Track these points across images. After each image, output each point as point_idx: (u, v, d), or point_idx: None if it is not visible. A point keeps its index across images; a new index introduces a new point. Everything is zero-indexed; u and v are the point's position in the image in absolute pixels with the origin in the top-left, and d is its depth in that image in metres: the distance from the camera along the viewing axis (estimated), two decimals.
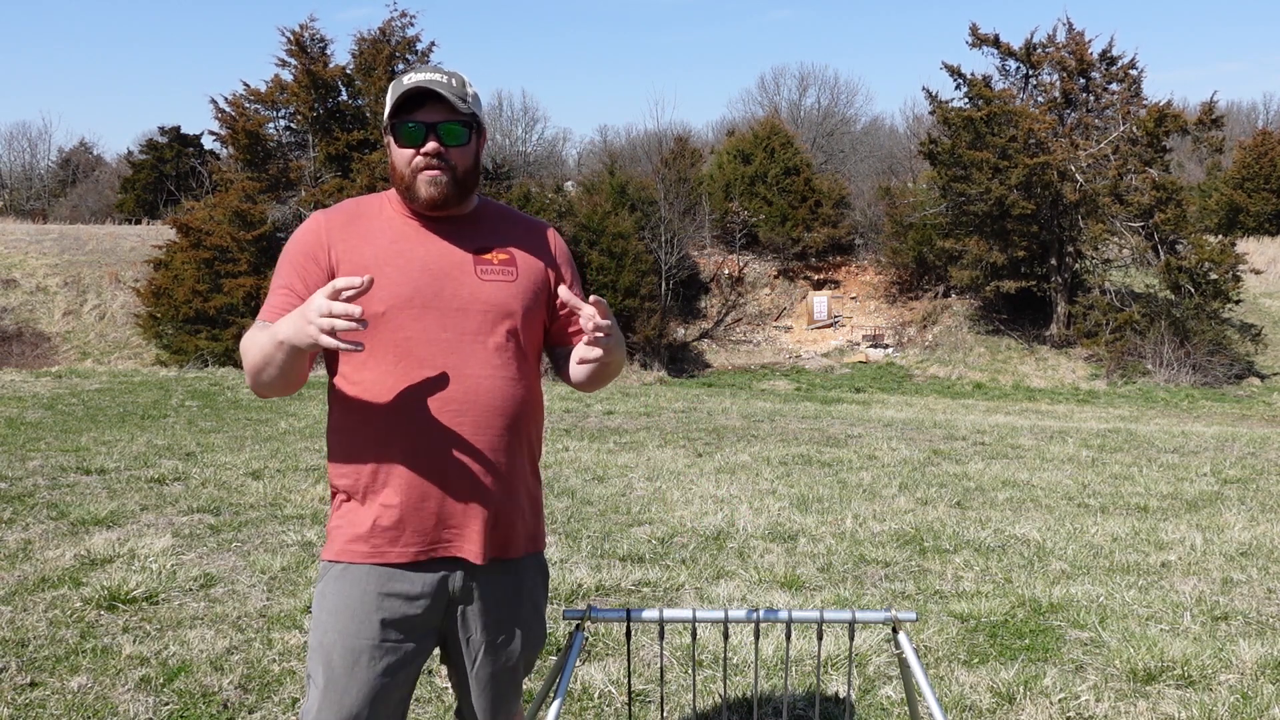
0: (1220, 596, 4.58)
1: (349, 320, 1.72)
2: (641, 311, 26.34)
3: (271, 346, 1.85)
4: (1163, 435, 11.02)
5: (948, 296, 29.67)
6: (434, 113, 1.97)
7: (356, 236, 2.02)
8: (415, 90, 1.96)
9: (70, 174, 49.08)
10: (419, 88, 1.95)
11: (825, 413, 13.81)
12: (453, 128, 1.98)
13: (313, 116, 24.46)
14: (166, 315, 22.58)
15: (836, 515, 6.14)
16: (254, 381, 1.94)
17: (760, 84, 79.17)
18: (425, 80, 1.96)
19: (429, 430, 1.94)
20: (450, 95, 1.95)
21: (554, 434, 9.61)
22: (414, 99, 1.97)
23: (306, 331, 1.76)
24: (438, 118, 1.97)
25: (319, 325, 1.73)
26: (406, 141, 1.97)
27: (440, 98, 1.96)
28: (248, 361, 1.94)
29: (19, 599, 4.24)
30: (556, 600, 4.39)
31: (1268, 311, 27.80)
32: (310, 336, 1.75)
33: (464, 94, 2.00)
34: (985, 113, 26.28)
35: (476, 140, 2.03)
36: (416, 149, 1.97)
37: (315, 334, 1.74)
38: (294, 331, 1.79)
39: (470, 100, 2.01)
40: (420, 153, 1.97)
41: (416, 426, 1.94)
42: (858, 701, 3.41)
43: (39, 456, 7.71)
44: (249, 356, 1.93)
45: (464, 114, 1.98)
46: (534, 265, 2.10)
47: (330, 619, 1.99)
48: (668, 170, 31.33)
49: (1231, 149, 38.22)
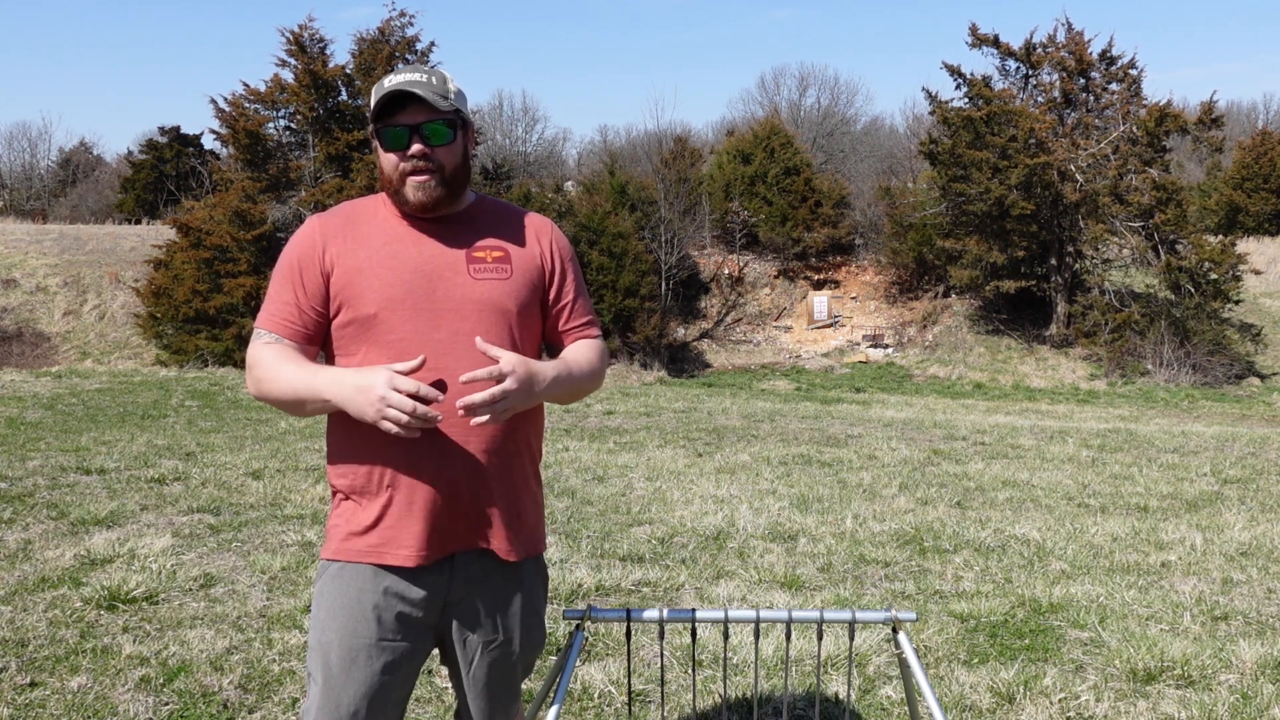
0: (1220, 596, 4.58)
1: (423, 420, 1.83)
2: (641, 311, 26.34)
3: (309, 394, 1.92)
4: (1163, 435, 11.02)
5: (948, 296, 29.66)
6: (416, 114, 1.96)
7: (350, 239, 2.02)
8: (395, 93, 1.95)
9: (70, 174, 49.06)
10: (398, 90, 1.94)
11: (825, 413, 13.81)
12: (436, 127, 1.97)
13: (312, 116, 24.45)
14: (166, 315, 22.57)
15: (836, 515, 6.14)
16: (267, 400, 2.01)
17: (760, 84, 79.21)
18: (403, 82, 1.96)
19: (427, 431, 1.93)
20: (430, 95, 1.94)
21: (554, 434, 9.61)
22: (395, 101, 1.96)
23: (366, 413, 1.84)
24: (420, 119, 1.96)
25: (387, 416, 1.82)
26: (391, 146, 1.97)
27: (420, 99, 1.95)
28: (268, 386, 1.97)
29: (19, 599, 4.24)
30: (556, 600, 4.39)
31: (1268, 311, 27.79)
32: (369, 418, 1.84)
33: (445, 91, 1.99)
34: (985, 113, 26.26)
35: (463, 137, 2.02)
36: (402, 152, 1.97)
37: (376, 418, 1.83)
38: (346, 401, 1.87)
39: (453, 97, 2.00)
40: (406, 156, 1.97)
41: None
42: (858, 701, 3.41)
43: (39, 456, 7.71)
44: (273, 384, 1.95)
45: (446, 112, 1.97)
46: (530, 262, 2.09)
47: (328, 618, 1.99)
48: (668, 170, 31.32)
49: (1231, 149, 38.22)
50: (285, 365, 1.95)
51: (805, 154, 34.89)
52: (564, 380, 2.02)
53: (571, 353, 2.12)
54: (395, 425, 1.82)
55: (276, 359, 1.96)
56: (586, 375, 2.10)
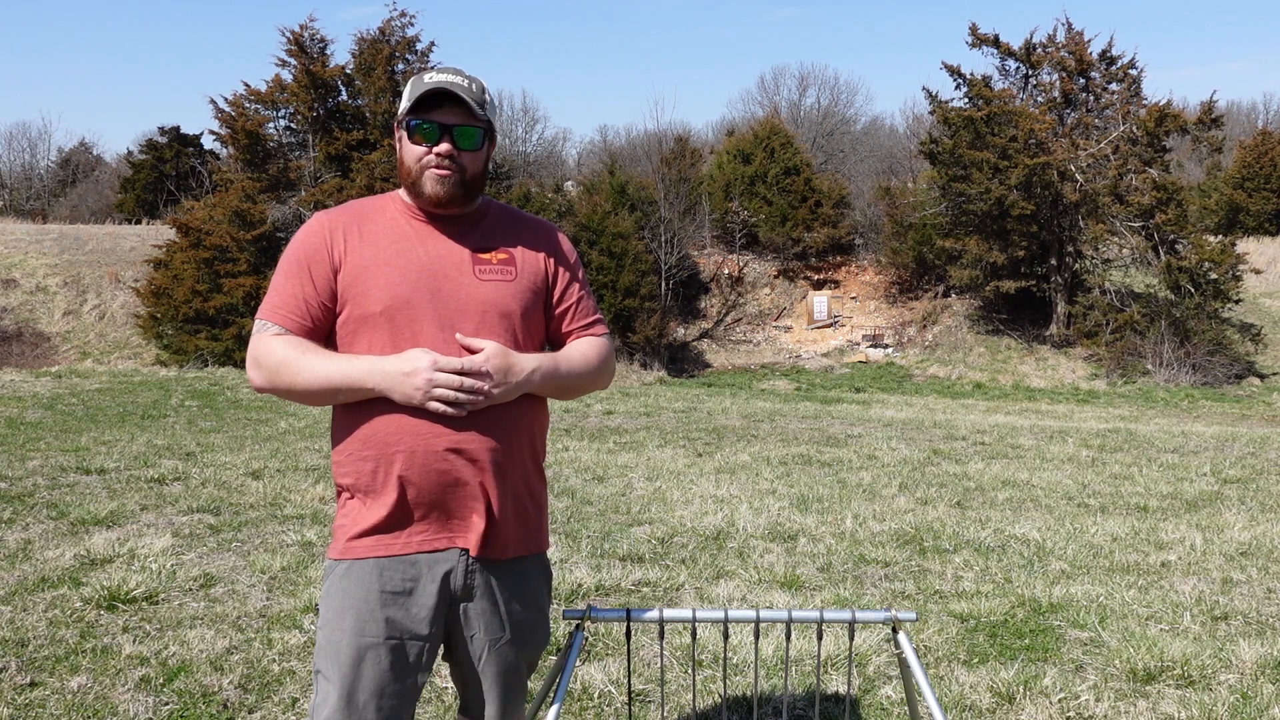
0: (1220, 596, 4.58)
1: (472, 394, 1.92)
2: (641, 311, 26.31)
3: (345, 383, 1.94)
4: (1163, 435, 11.01)
5: (948, 296, 29.65)
6: (451, 115, 1.99)
7: (358, 236, 2.04)
8: (436, 90, 1.97)
9: (70, 174, 49.04)
10: (440, 88, 1.97)
11: (825, 413, 13.81)
12: (468, 131, 2.00)
13: (312, 116, 24.43)
14: (166, 315, 22.55)
15: (836, 515, 6.14)
16: (283, 391, 1.99)
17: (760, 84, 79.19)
18: (447, 82, 1.98)
19: (430, 430, 1.95)
20: (470, 99, 1.98)
21: (554, 434, 9.61)
22: (433, 99, 1.98)
23: (413, 396, 1.92)
24: (455, 120, 1.99)
25: (434, 396, 1.92)
26: (421, 139, 1.99)
27: (460, 100, 1.98)
28: (291, 378, 1.96)
29: (19, 599, 4.24)
30: (556, 600, 4.39)
31: (1268, 311, 27.79)
32: (416, 401, 1.92)
33: (482, 99, 2.02)
34: (985, 113, 26.25)
35: (488, 146, 2.06)
36: (430, 147, 1.99)
37: (424, 400, 1.92)
38: (389, 387, 1.92)
39: (487, 107, 2.03)
40: (432, 151, 1.99)
41: (417, 425, 1.95)
42: (858, 701, 3.41)
43: (39, 456, 7.71)
44: (298, 375, 1.96)
45: (481, 119, 2.01)
46: (534, 265, 2.11)
47: (337, 617, 2.00)
48: (668, 170, 31.29)
49: (1231, 149, 38.21)
50: (312, 355, 1.96)
51: (805, 154, 34.86)
52: (549, 372, 2.04)
53: (567, 348, 2.14)
54: (443, 404, 1.90)
55: (298, 349, 1.97)
56: (580, 370, 2.11)
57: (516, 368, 1.98)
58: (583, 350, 2.14)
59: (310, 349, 1.98)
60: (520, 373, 1.98)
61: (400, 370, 1.91)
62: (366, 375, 1.93)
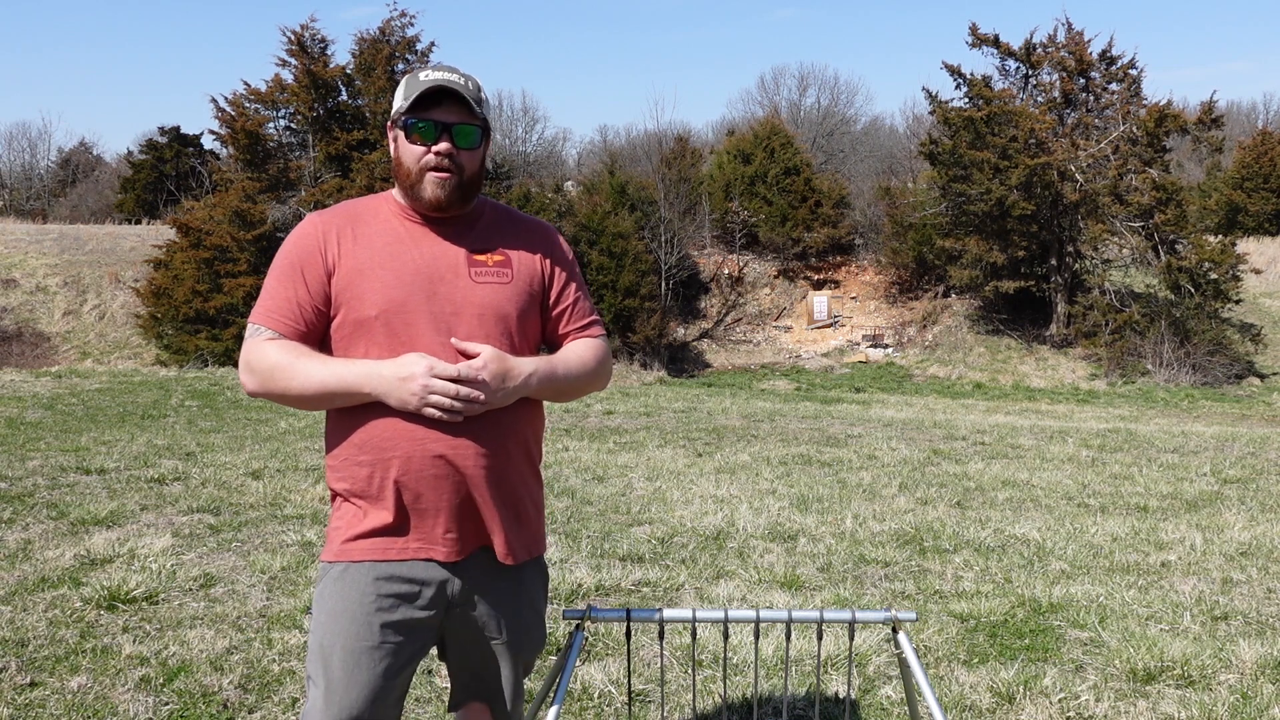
0: (1220, 596, 4.57)
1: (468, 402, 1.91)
2: (641, 311, 26.32)
3: (340, 388, 1.93)
4: (1163, 435, 11.01)
5: (948, 296, 29.65)
6: (449, 113, 1.97)
7: (352, 239, 2.01)
8: (434, 88, 1.95)
9: (70, 174, 49.04)
10: (438, 86, 1.95)
11: (825, 413, 13.81)
12: (467, 129, 1.98)
13: (313, 116, 24.45)
14: (166, 315, 22.57)
15: (836, 515, 6.14)
16: (276, 396, 1.96)
17: (760, 84, 79.15)
18: (444, 79, 1.96)
19: (426, 434, 1.94)
20: (468, 97, 1.96)
21: (554, 434, 9.61)
22: (430, 97, 1.96)
23: (408, 401, 1.90)
24: (453, 119, 1.97)
25: (430, 403, 1.89)
26: (419, 138, 1.97)
27: (457, 98, 1.97)
28: (285, 382, 1.94)
29: (19, 599, 4.24)
30: (556, 600, 4.39)
31: (1268, 311, 27.79)
32: (412, 406, 1.91)
33: (479, 97, 2.01)
34: (985, 113, 26.26)
35: (485, 145, 2.04)
36: (428, 147, 1.97)
37: (419, 406, 1.90)
38: (385, 392, 1.91)
39: (484, 105, 2.03)
40: (431, 151, 1.97)
41: (414, 430, 1.94)
42: (858, 701, 3.41)
43: (39, 456, 7.71)
44: (292, 380, 1.93)
45: (478, 117, 2.00)
46: (530, 267, 2.09)
47: (330, 621, 1.99)
48: (668, 170, 31.30)
49: (1231, 149, 38.19)
50: (306, 360, 1.94)
51: (805, 154, 34.86)
52: (546, 375, 2.02)
53: (564, 350, 2.13)
54: (439, 410, 1.89)
55: (292, 354, 1.94)
56: (578, 373, 2.10)
57: (513, 372, 1.96)
58: (580, 352, 2.12)
59: (304, 353, 1.95)
60: (517, 377, 1.96)
61: (396, 375, 1.89)
62: (362, 380, 1.91)
